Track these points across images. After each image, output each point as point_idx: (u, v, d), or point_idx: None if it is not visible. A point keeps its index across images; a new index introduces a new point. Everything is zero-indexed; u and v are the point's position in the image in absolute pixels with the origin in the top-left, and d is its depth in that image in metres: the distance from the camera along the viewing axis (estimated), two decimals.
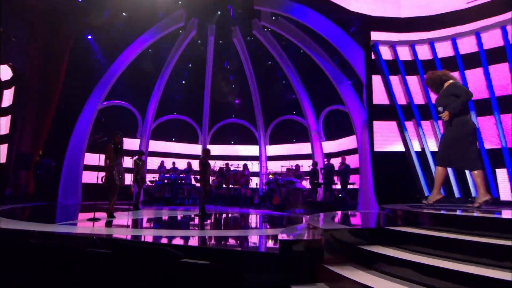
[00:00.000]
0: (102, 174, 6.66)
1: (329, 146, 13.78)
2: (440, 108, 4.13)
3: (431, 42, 6.86)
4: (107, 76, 12.29)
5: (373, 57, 7.23)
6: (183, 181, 12.56)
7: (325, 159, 12.38)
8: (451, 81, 4.26)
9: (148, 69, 13.71)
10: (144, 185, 10.77)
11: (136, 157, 9.43)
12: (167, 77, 14.00)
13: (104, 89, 12.24)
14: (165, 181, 12.37)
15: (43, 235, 4.20)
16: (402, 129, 6.60)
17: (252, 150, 15.74)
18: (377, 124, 6.90)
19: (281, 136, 15.26)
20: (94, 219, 6.24)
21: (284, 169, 13.29)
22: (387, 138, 6.77)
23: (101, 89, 12.24)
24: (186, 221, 7.31)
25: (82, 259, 3.54)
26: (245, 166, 11.86)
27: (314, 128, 13.96)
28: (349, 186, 11.62)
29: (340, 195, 10.74)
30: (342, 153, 12.86)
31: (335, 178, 11.79)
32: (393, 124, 6.65)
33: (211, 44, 14.32)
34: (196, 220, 7.44)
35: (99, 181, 6.57)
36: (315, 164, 12.46)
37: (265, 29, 13.47)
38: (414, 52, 7.00)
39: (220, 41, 14.66)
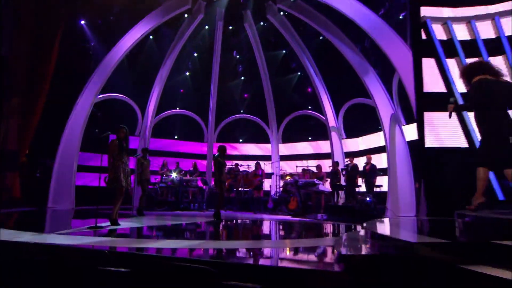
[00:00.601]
0: (96, 175, 6.06)
1: (351, 144, 13.32)
2: (452, 99, 4.26)
3: (496, 17, 6.24)
4: (103, 66, 11.67)
5: (423, 36, 6.63)
6: (190, 183, 12.06)
7: (347, 159, 11.86)
8: (479, 77, 4.07)
9: (149, 59, 13.32)
10: (149, 188, 10.19)
11: (140, 155, 8.88)
12: (170, 68, 13.52)
13: (99, 80, 11.65)
14: (168, 183, 11.86)
15: (40, 248, 3.59)
16: (464, 121, 5.99)
17: (263, 149, 15.35)
18: (427, 116, 6.29)
19: (295, 134, 14.80)
20: (96, 227, 5.68)
21: (299, 170, 12.86)
22: (440, 132, 6.15)
23: (97, 80, 11.63)
24: (205, 230, 6.73)
25: (93, 281, 2.94)
26: (257, 165, 11.19)
27: (333, 125, 13.41)
28: (375, 189, 11.08)
29: (367, 198, 10.14)
30: (365, 152, 12.41)
31: (359, 179, 11.26)
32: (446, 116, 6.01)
33: (219, 30, 13.76)
34: (216, 228, 6.86)
35: (94, 183, 5.99)
36: (336, 164, 11.94)
37: (281, 13, 12.90)
38: (474, 30, 6.40)
39: (230, 27, 14.08)
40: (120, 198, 6.17)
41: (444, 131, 6.16)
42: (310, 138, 14.81)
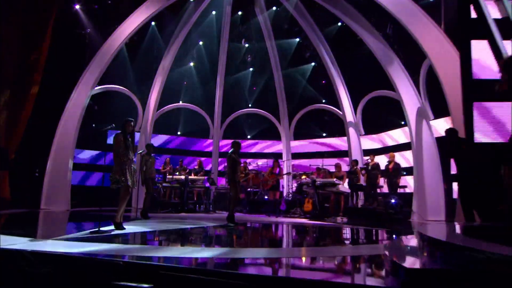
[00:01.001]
0: (93, 174, 5.58)
1: (370, 141, 12.94)
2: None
3: None
4: (100, 55, 11.25)
5: (473, 15, 6.10)
6: (195, 183, 11.58)
7: (367, 157, 11.33)
8: None
9: (150, 48, 13.03)
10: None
11: (144, 152, 8.39)
12: (173, 58, 13.20)
13: (96, 71, 11.23)
14: (172, 183, 11.38)
15: (39, 258, 3.06)
16: None
17: (273, 146, 14.96)
18: (478, 107, 5.76)
19: (308, 130, 14.47)
20: (99, 232, 5.21)
21: (311, 169, 12.41)
22: (490, 125, 5.64)
23: (93, 71, 11.21)
24: (224, 235, 6.21)
25: None
26: (276, 162, 10.57)
27: (351, 120, 12.99)
28: (399, 190, 10.67)
29: (392, 200, 9.65)
30: (386, 150, 12.02)
31: (381, 179, 10.79)
32: (501, 106, 5.52)
33: (227, 16, 13.30)
34: (236, 234, 6.37)
35: (91, 183, 5.51)
36: (354, 162, 11.43)
37: None
38: None
39: (239, 12, 13.65)
40: (125, 199, 5.69)
41: (495, 123, 5.65)
42: (324, 135, 14.48)
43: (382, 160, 11.22)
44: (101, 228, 5.36)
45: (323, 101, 14.25)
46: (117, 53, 11.57)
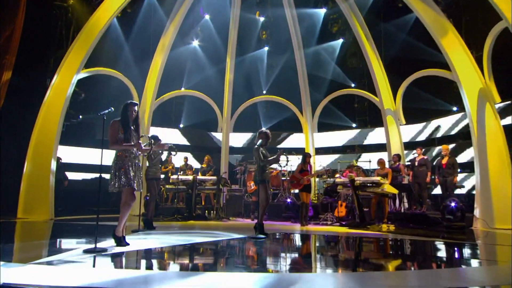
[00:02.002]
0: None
1: (412, 131, 12.40)
2: None
3: None
4: (86, 32, 10.61)
5: None
6: (204, 184, 10.94)
7: (416, 151, 10.47)
8: None
9: (147, 23, 12.64)
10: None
11: (147, 145, 7.50)
12: (175, 36, 12.79)
13: (82, 51, 10.57)
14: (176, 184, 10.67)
15: None
16: None
17: (294, 140, 14.47)
18: None
19: (335, 120, 14.06)
20: (95, 251, 4.48)
21: (338, 166, 11.96)
22: None
23: (79, 51, 10.55)
24: (261, 251, 5.30)
25: None
26: (306, 158, 9.57)
27: (389, 107, 12.33)
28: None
29: (452, 204, 8.69)
30: (433, 142, 11.59)
31: (430, 178, 10.01)
32: None
33: None
34: (275, 250, 5.52)
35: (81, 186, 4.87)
36: (396, 158, 10.59)
37: None
38: None
39: None
40: (128, 207, 4.93)
41: None
42: (354, 126, 14.07)
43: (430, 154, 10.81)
44: (99, 245, 4.61)
45: (352, 85, 13.76)
46: (107, 29, 11.02)
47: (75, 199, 11.61)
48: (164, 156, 8.62)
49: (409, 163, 10.62)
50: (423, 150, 10.41)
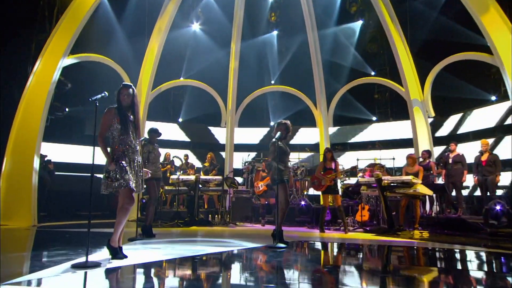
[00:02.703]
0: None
1: (442, 124, 12.20)
2: None
3: None
4: (72, 13, 10.35)
5: None
6: (208, 185, 10.67)
7: (451, 146, 10.03)
8: None
9: (141, 3, 12.47)
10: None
11: (146, 140, 7.32)
12: (173, 18, 12.61)
13: (68, 35, 10.35)
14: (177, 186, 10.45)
15: None
16: None
17: (307, 135, 14.16)
18: None
19: (353, 113, 13.89)
20: (87, 265, 4.04)
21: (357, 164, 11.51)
22: None
23: (64, 35, 10.30)
24: (289, 267, 4.72)
25: None
26: (328, 153, 9.07)
27: (416, 97, 12.00)
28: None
29: (497, 207, 8.18)
30: (468, 136, 11.19)
31: (466, 176, 9.64)
32: None
33: None
34: (306, 264, 4.96)
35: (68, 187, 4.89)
36: (426, 154, 10.23)
37: None
38: None
39: None
40: (126, 211, 4.50)
41: None
42: (375, 119, 13.86)
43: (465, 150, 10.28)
44: (90, 258, 4.14)
45: (372, 73, 13.48)
46: (96, 10, 10.89)
47: (61, 203, 11.42)
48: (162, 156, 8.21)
49: (439, 160, 10.26)
50: (457, 145, 9.95)
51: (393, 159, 11.23)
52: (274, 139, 6.33)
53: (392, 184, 8.62)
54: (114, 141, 4.45)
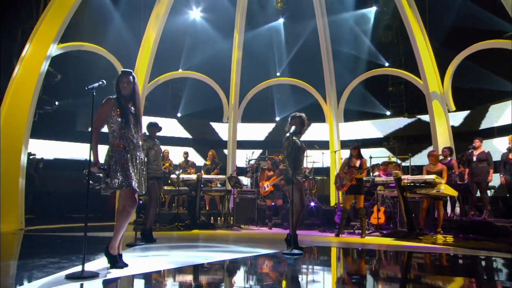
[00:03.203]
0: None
1: (461, 119, 11.94)
2: None
3: None
4: None
5: None
6: (210, 185, 10.48)
7: (475, 142, 9.73)
8: None
9: None
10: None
11: (145, 135, 7.11)
12: (171, 4, 12.46)
13: (57, 21, 10.23)
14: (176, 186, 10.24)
15: None
16: None
17: (315, 131, 14.03)
18: None
19: (365, 107, 13.76)
20: (82, 276, 3.84)
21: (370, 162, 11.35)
22: None
23: (53, 20, 10.17)
24: (316, 279, 4.44)
25: None
26: (355, 149, 8.87)
27: (435, 90, 11.72)
28: None
29: None
30: (493, 132, 11.03)
31: (492, 175, 9.37)
32: None
33: None
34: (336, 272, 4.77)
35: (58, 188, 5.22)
36: (448, 151, 9.99)
37: None
38: None
39: None
40: (127, 214, 4.29)
41: None
42: (389, 114, 13.72)
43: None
44: (87, 267, 3.96)
45: (386, 64, 13.29)
46: None
47: (49, 204, 11.31)
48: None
49: (463, 157, 9.96)
50: (482, 142, 9.64)
51: (410, 156, 10.99)
52: (287, 134, 6.07)
53: (412, 184, 8.31)
54: (114, 135, 4.22)
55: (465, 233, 8.46)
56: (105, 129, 4.29)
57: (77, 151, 12.14)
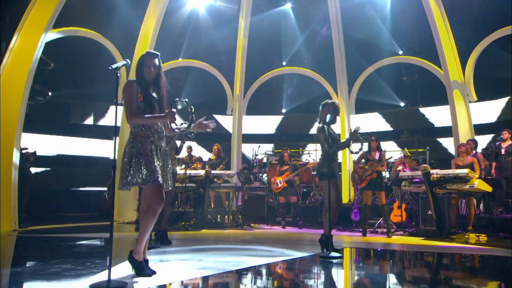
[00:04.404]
0: None
1: (486, 110, 11.71)
2: None
3: None
4: None
5: None
6: (217, 181, 10.31)
7: (505, 134, 9.45)
8: None
9: None
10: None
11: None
12: None
13: (52, 4, 9.93)
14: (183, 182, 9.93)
15: None
16: None
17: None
18: None
19: (377, 97, 13.55)
20: (110, 287, 3.48)
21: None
22: None
23: (46, 3, 9.92)
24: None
25: None
26: (374, 141, 8.56)
27: (456, 79, 11.43)
28: None
29: None
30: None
31: None
32: None
33: None
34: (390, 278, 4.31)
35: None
36: (473, 144, 9.76)
37: None
38: None
39: None
40: (154, 213, 3.91)
41: None
42: (403, 105, 13.50)
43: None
44: (105, 276, 3.53)
45: (400, 52, 13.02)
46: None
47: (41, 203, 10.96)
48: (178, 142, 7.51)
49: (488, 150, 9.74)
50: (510, 134, 9.27)
51: (427, 149, 10.76)
52: (321, 124, 5.72)
53: (443, 179, 7.98)
54: (138, 119, 3.91)
55: (495, 231, 8.15)
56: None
57: (70, 145, 11.78)
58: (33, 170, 10.88)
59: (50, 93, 11.01)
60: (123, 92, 3.91)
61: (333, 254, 5.23)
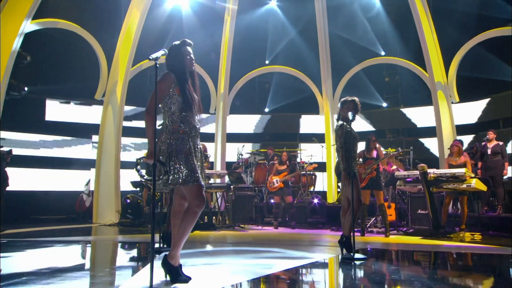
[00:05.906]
0: None
1: (469, 111, 11.86)
2: None
3: None
4: None
5: None
6: (208, 182, 10.08)
7: (489, 134, 9.60)
8: None
9: None
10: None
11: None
12: None
13: None
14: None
15: None
16: None
17: (310, 123, 13.79)
18: None
19: (360, 98, 13.15)
20: None
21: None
22: None
23: None
24: None
25: None
26: (373, 143, 8.48)
27: (439, 81, 11.54)
28: None
29: None
30: (499, 124, 11.05)
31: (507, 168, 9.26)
32: None
33: None
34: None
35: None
36: (460, 144, 9.30)
37: None
38: None
39: None
40: (195, 215, 3.63)
41: None
42: (385, 105, 13.55)
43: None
44: (131, 284, 3.60)
45: (382, 53, 13.05)
46: None
47: (16, 205, 10.46)
48: None
49: (473, 149, 9.88)
50: (495, 134, 9.46)
51: (411, 149, 10.78)
52: (340, 122, 5.55)
53: (440, 178, 7.97)
54: (174, 119, 3.64)
55: (483, 230, 8.31)
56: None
57: (46, 144, 11.25)
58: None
59: (26, 88, 10.51)
60: (158, 82, 3.58)
61: (358, 256, 5.11)
